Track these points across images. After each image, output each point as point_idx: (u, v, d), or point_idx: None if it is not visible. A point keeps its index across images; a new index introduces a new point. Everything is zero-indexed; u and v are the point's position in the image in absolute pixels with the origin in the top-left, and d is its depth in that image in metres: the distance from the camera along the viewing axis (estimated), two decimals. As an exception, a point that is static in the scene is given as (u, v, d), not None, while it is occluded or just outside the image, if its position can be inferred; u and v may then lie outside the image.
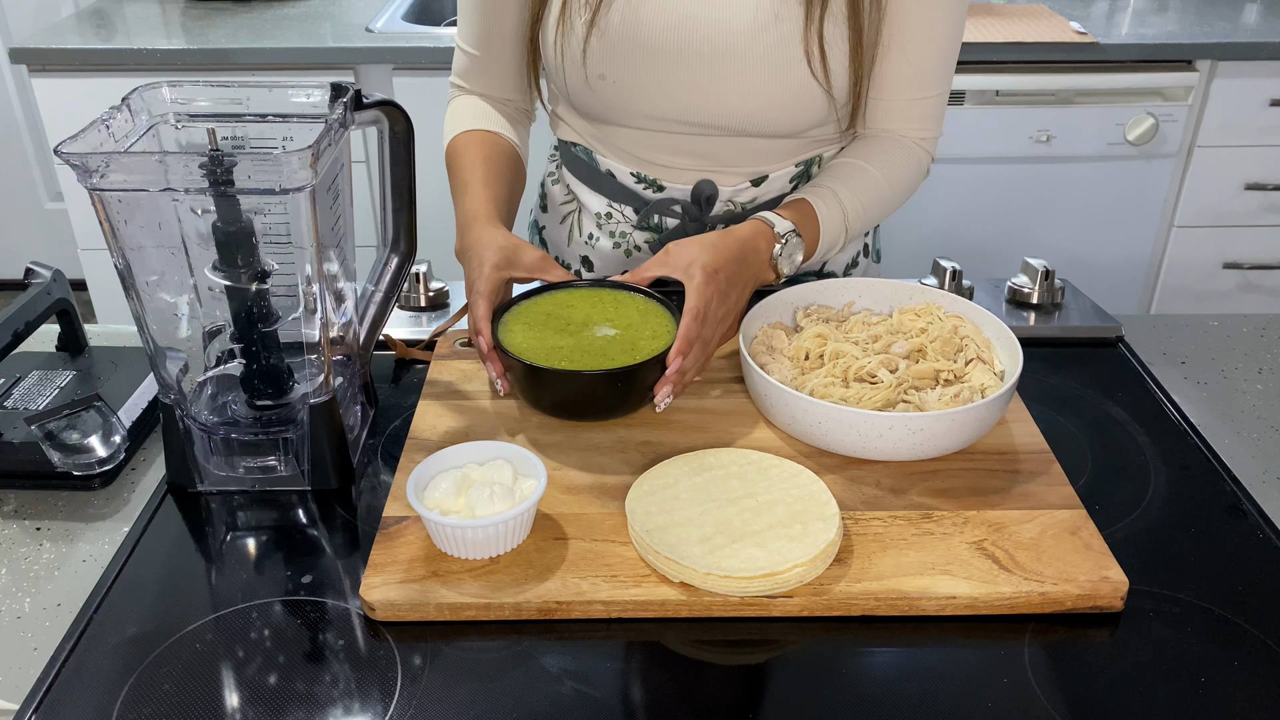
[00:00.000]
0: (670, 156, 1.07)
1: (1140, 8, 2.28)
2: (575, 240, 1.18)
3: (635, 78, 1.00)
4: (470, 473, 0.78)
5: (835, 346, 0.92)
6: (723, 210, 1.10)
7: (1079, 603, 0.73)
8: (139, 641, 0.71)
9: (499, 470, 0.78)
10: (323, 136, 0.74)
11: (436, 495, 0.76)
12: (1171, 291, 2.31)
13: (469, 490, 0.76)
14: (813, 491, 0.79)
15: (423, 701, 0.66)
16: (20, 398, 0.91)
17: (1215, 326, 1.12)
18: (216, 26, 2.16)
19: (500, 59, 1.08)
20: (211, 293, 0.80)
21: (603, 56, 0.99)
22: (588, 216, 1.16)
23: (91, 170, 0.70)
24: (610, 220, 1.14)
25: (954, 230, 2.22)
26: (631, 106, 1.03)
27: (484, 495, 0.74)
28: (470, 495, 0.75)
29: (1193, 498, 0.85)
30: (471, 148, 1.06)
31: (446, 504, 0.76)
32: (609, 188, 1.12)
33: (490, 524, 0.73)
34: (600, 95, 1.02)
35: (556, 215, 1.20)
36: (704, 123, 1.02)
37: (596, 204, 1.14)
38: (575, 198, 1.16)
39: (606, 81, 1.01)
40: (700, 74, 0.98)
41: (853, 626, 0.72)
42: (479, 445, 0.80)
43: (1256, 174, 2.17)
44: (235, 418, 0.84)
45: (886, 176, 1.05)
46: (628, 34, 0.98)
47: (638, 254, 1.14)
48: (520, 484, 0.77)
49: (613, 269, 1.16)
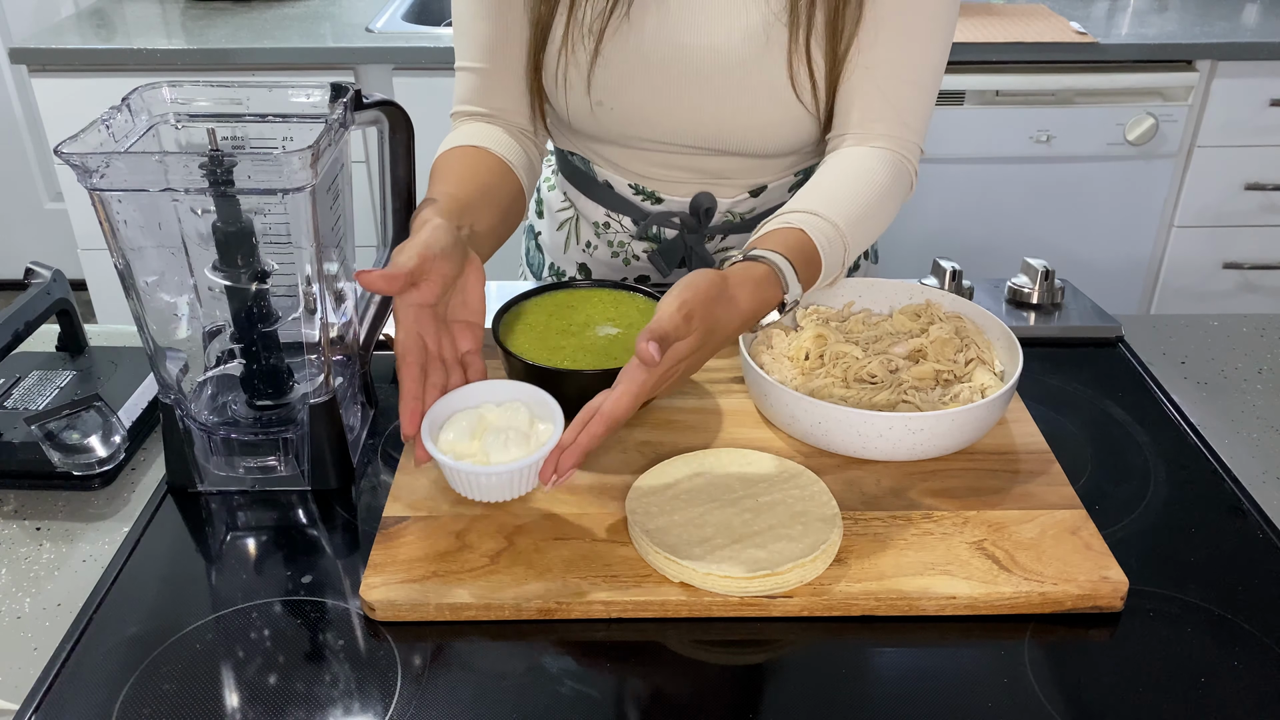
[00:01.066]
0: (668, 171, 1.07)
1: (1140, 8, 2.28)
2: (573, 248, 1.18)
3: (635, 104, 1.00)
4: (486, 414, 0.79)
5: (835, 347, 0.92)
6: (721, 220, 1.10)
7: (1079, 603, 0.73)
8: (139, 641, 0.71)
9: (515, 413, 0.78)
10: (323, 136, 0.74)
11: (450, 437, 0.77)
12: (1171, 291, 2.31)
13: (484, 435, 0.77)
14: (813, 492, 0.79)
15: (423, 701, 0.66)
16: (20, 398, 0.91)
17: (1215, 326, 1.12)
18: (216, 26, 2.16)
19: (513, 67, 1.01)
20: (211, 293, 0.80)
21: (603, 84, 0.99)
22: (585, 225, 1.15)
23: (91, 170, 0.70)
24: (608, 230, 1.14)
25: (954, 230, 2.22)
26: (630, 131, 1.03)
27: (499, 441, 0.76)
28: (486, 440, 0.76)
29: (1193, 498, 0.85)
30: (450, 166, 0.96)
31: (461, 448, 0.77)
32: (607, 198, 1.12)
33: (506, 470, 0.74)
34: (600, 120, 1.03)
35: (554, 222, 1.20)
36: (702, 145, 1.03)
37: (594, 213, 1.14)
38: (573, 205, 1.16)
39: (605, 108, 1.01)
40: (698, 98, 0.99)
41: (853, 626, 0.72)
42: (496, 385, 0.81)
43: (1256, 174, 2.17)
44: (235, 418, 0.84)
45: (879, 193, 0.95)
46: (628, 63, 0.98)
47: (636, 263, 1.14)
48: (536, 428, 0.78)
49: (611, 276, 1.16)
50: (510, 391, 0.81)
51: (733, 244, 1.12)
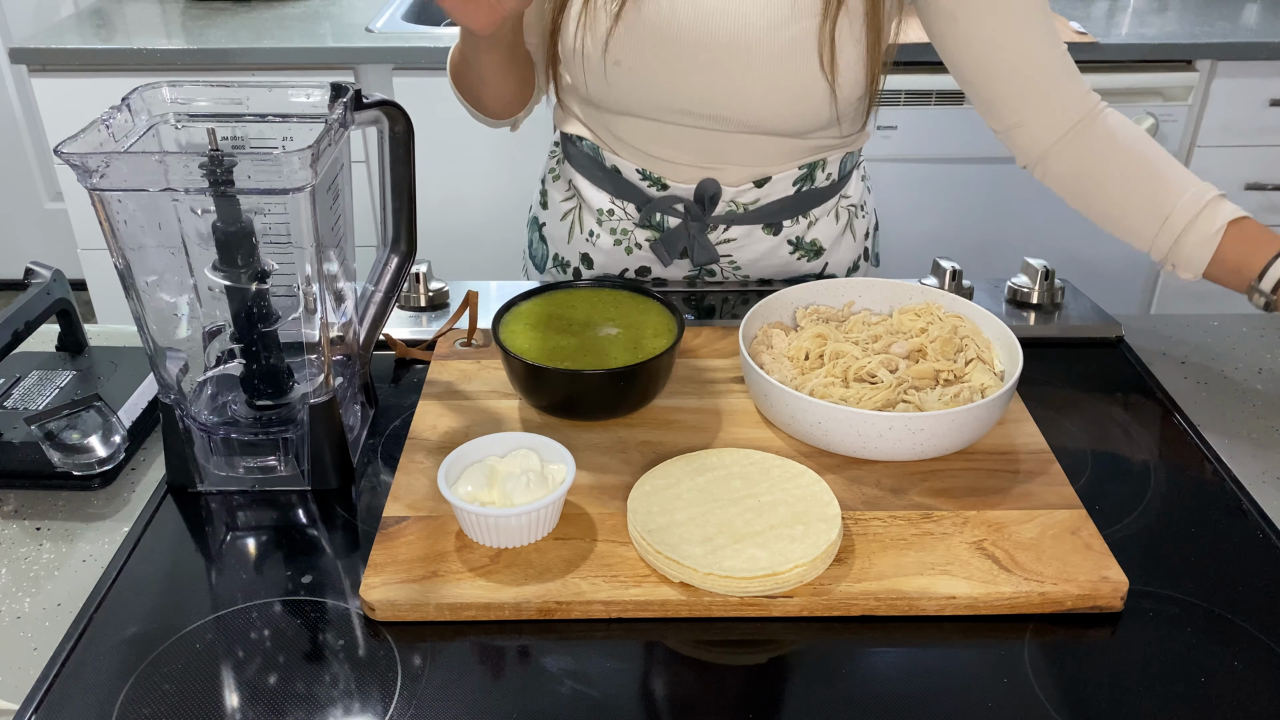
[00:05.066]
0: (676, 152, 1.07)
1: (1140, 8, 2.27)
2: (576, 237, 1.18)
3: (652, 66, 1.00)
4: (494, 465, 0.79)
5: (835, 346, 0.92)
6: (725, 210, 1.10)
7: (1079, 603, 0.73)
8: (139, 641, 0.71)
9: (526, 459, 0.79)
10: (323, 136, 0.74)
11: (469, 489, 0.77)
12: (1171, 291, 2.30)
13: (500, 480, 0.77)
14: (815, 492, 0.79)
15: (423, 701, 0.66)
16: (20, 398, 0.91)
17: (1215, 326, 1.12)
18: (216, 26, 2.16)
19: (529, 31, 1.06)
20: (211, 293, 0.80)
21: (623, 44, 0.99)
22: (589, 213, 1.16)
23: (91, 170, 0.70)
24: (612, 217, 1.14)
25: (954, 230, 2.22)
26: (644, 95, 1.02)
27: (521, 483, 0.76)
28: (505, 484, 0.76)
29: (1193, 498, 0.85)
30: None
31: (482, 496, 0.76)
32: (613, 184, 1.12)
33: (531, 510, 0.74)
34: (615, 83, 1.02)
35: (557, 212, 1.20)
36: (714, 115, 1.02)
37: (599, 200, 1.14)
38: (577, 194, 1.16)
39: (623, 68, 1.00)
40: (716, 65, 0.99)
41: (853, 626, 0.72)
42: (495, 438, 0.81)
43: (1256, 174, 2.17)
44: (235, 418, 0.84)
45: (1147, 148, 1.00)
46: (650, 24, 0.98)
47: (638, 251, 1.14)
48: (548, 469, 0.78)
49: (614, 266, 1.16)
50: (513, 441, 0.81)
51: (736, 235, 1.12)
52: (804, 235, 1.13)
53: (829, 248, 1.15)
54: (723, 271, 1.15)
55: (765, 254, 1.13)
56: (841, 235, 1.16)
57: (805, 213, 1.12)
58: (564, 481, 0.76)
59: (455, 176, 2.16)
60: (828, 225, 1.14)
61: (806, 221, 1.13)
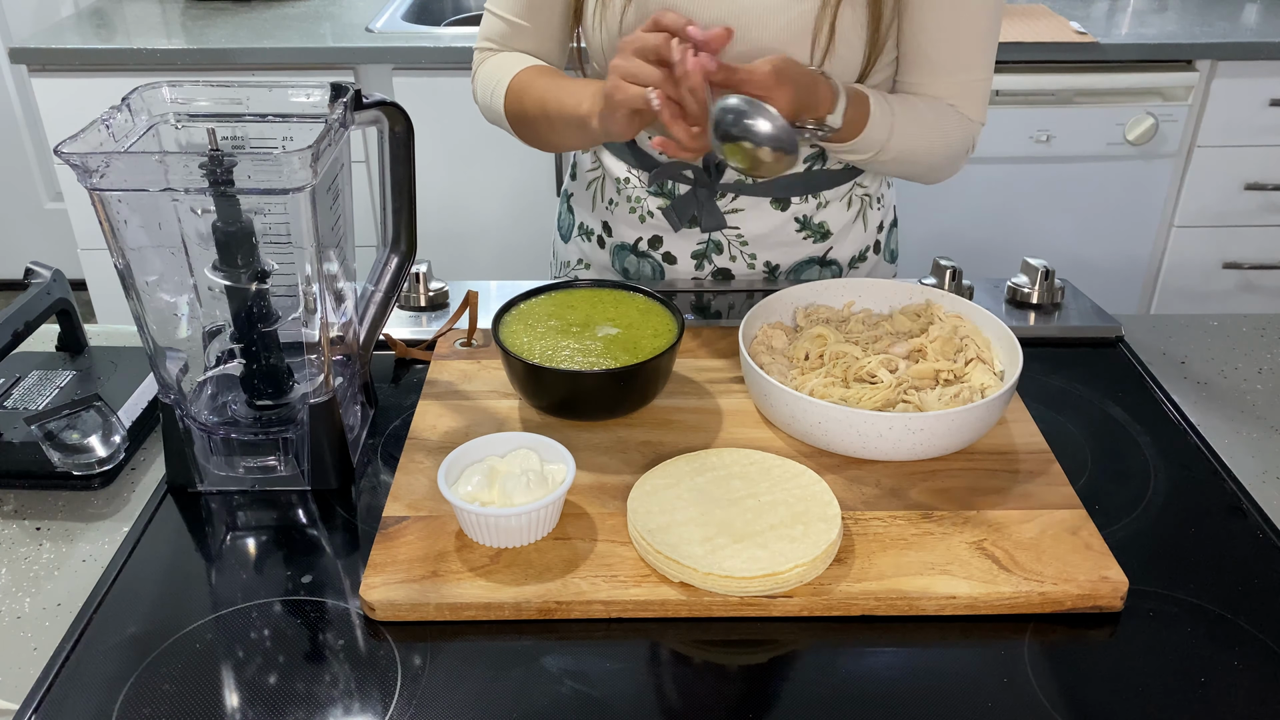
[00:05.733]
0: None
1: (1140, 8, 2.27)
2: (598, 206, 1.22)
3: None
4: (494, 465, 0.79)
5: (835, 347, 0.92)
6: (733, 179, 1.11)
7: (1079, 603, 0.73)
8: (139, 641, 0.71)
9: (526, 459, 0.79)
10: (323, 136, 0.74)
11: (469, 489, 0.77)
12: (1171, 291, 2.30)
13: (499, 480, 0.77)
14: (815, 492, 0.79)
15: (423, 701, 0.66)
16: (20, 398, 0.91)
17: (1215, 326, 1.12)
18: (216, 26, 2.16)
19: (548, 25, 1.11)
20: (211, 293, 0.80)
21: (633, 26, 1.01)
22: (610, 183, 1.19)
23: (91, 170, 0.70)
24: (628, 185, 1.17)
25: (954, 230, 2.22)
26: None
27: (521, 483, 0.76)
28: (505, 484, 0.76)
29: (1193, 498, 0.85)
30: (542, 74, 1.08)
31: (483, 496, 0.76)
32: (628, 151, 1.15)
33: (531, 510, 0.74)
34: None
35: (583, 182, 1.24)
36: None
37: (618, 169, 1.18)
38: (600, 164, 1.20)
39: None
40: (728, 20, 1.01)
41: (853, 626, 0.72)
42: (495, 438, 0.81)
43: (1256, 174, 2.17)
44: (235, 418, 0.84)
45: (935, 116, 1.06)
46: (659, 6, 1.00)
47: (651, 219, 1.16)
48: (548, 469, 0.78)
49: (628, 233, 1.18)
50: (514, 442, 0.81)
51: (743, 205, 1.13)
52: (812, 216, 1.14)
53: (837, 232, 1.16)
54: (730, 248, 1.15)
55: (772, 229, 1.14)
56: (853, 223, 1.17)
57: (815, 192, 1.13)
58: (564, 481, 0.76)
59: (455, 176, 2.16)
60: (838, 210, 1.15)
61: (816, 202, 1.14)
